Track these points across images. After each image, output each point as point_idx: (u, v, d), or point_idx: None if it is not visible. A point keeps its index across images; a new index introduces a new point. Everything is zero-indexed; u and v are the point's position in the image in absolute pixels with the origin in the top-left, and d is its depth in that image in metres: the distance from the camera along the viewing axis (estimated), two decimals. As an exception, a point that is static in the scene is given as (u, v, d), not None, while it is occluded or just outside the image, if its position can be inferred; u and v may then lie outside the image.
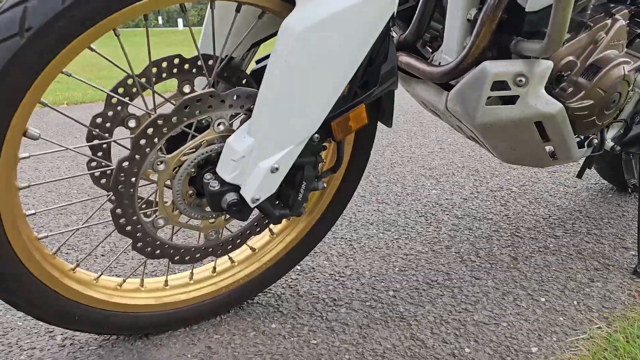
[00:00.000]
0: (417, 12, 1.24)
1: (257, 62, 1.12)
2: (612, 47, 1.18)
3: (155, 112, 0.97)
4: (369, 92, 1.00)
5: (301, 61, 0.84)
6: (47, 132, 3.17)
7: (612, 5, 1.19)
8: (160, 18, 56.52)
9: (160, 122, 0.86)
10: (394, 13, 0.92)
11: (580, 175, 1.53)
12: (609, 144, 1.44)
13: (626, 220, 1.79)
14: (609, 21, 1.16)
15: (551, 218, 1.81)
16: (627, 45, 1.23)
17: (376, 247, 1.58)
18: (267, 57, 1.05)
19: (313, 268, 1.45)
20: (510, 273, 1.43)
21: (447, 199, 1.99)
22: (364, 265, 1.46)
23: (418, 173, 2.31)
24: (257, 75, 1.08)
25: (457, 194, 2.05)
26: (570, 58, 1.14)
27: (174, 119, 0.87)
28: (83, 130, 3.29)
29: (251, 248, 1.22)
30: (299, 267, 1.44)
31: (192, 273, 1.16)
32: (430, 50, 1.36)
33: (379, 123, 1.18)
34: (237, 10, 0.91)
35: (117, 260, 1.30)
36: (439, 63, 1.24)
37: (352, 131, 1.00)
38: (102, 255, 1.52)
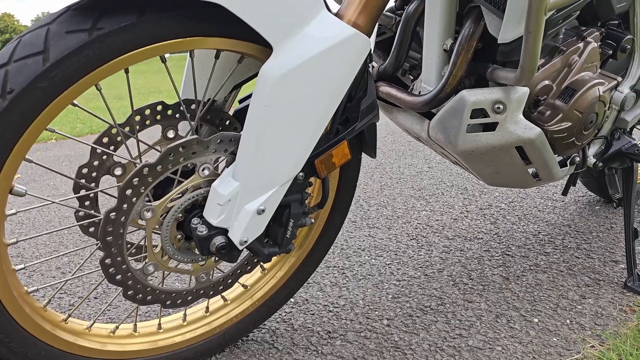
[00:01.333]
0: (394, 43, 1.26)
1: (240, 101, 1.14)
2: (586, 69, 1.20)
3: (141, 159, 0.99)
4: (350, 129, 1.01)
5: (280, 106, 0.86)
6: (35, 171, 3.16)
7: (584, 28, 1.22)
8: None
9: (145, 171, 0.87)
10: (370, 50, 0.94)
11: (565, 192, 1.55)
12: (591, 160, 1.46)
13: (614, 233, 1.81)
14: (581, 44, 1.19)
15: (541, 234, 1.82)
16: (600, 66, 1.26)
17: (369, 275, 1.58)
18: (250, 96, 1.07)
19: (307, 300, 1.45)
20: (503, 294, 1.44)
21: (437, 219, 2.01)
22: (357, 294, 1.47)
23: (408, 194, 2.33)
24: (240, 115, 1.09)
25: (447, 214, 2.06)
26: (546, 82, 1.17)
27: (159, 167, 0.88)
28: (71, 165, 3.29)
29: (243, 285, 1.22)
30: (292, 300, 1.44)
31: (185, 315, 1.16)
32: (411, 78, 1.38)
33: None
34: (217, 56, 0.93)
35: (110, 303, 1.30)
36: (419, 92, 1.27)
37: (336, 167, 1.01)
38: (95, 298, 1.52)
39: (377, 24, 1.31)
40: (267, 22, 0.82)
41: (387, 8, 1.06)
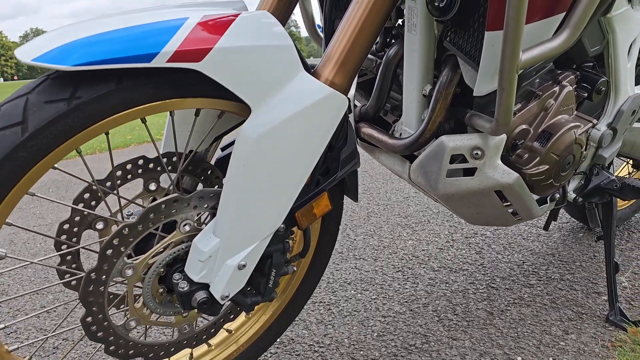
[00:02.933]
0: (375, 85, 1.29)
1: (222, 149, 1.15)
2: (562, 112, 1.23)
3: (122, 215, 0.99)
4: (331, 179, 1.03)
5: (260, 165, 0.87)
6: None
7: (559, 72, 1.24)
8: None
9: (126, 231, 0.88)
10: (348, 106, 0.96)
11: (546, 227, 1.57)
12: (571, 195, 1.48)
13: (597, 262, 1.83)
14: (556, 88, 1.21)
15: (525, 264, 1.84)
16: (576, 107, 1.29)
17: (354, 310, 1.59)
18: (232, 143, 1.08)
19: (292, 339, 1.45)
20: (487, 330, 1.45)
21: (423, 249, 2.02)
22: (342, 333, 1.47)
23: (394, 222, 2.34)
24: (223, 163, 1.10)
25: (433, 243, 2.08)
26: (523, 127, 1.19)
27: (140, 226, 0.89)
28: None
29: (227, 330, 1.22)
30: (278, 340, 1.44)
31: (169, 362, 1.16)
32: (393, 118, 1.40)
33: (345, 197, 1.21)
34: (196, 114, 0.94)
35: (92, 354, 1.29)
36: (400, 134, 1.29)
37: (317, 218, 1.02)
38: (81, 340, 1.51)
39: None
40: (245, 85, 0.83)
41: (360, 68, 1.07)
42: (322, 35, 1.35)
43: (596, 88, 1.29)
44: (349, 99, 0.98)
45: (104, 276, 0.89)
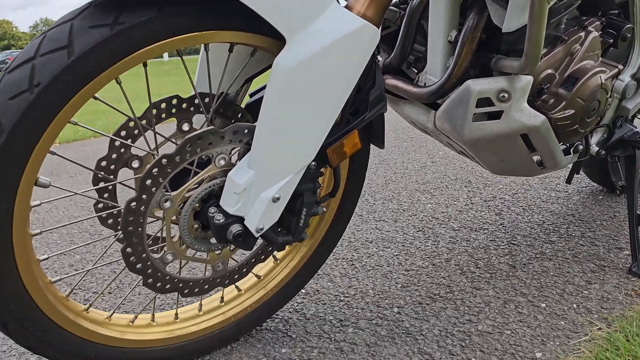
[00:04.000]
0: (399, 36, 1.29)
1: (251, 95, 1.17)
2: (587, 58, 1.23)
3: (158, 151, 1.02)
4: (360, 118, 1.04)
5: (294, 96, 0.88)
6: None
7: (584, 18, 1.25)
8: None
9: (164, 162, 0.90)
10: (378, 46, 0.97)
11: (569, 180, 1.58)
12: (594, 148, 1.49)
13: (618, 221, 1.83)
14: (582, 34, 1.22)
15: (545, 224, 1.85)
16: (601, 54, 1.29)
17: (377, 265, 1.61)
18: (262, 89, 1.10)
19: (317, 290, 1.48)
20: (510, 281, 1.47)
21: (442, 212, 2.04)
22: (367, 284, 1.49)
23: (412, 188, 2.36)
24: (252, 108, 1.12)
25: (452, 206, 2.09)
26: (549, 71, 1.20)
27: (177, 158, 0.91)
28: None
29: (256, 275, 1.25)
30: (303, 291, 1.47)
31: (200, 304, 1.19)
32: (416, 71, 1.41)
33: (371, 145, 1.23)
34: (230, 50, 0.96)
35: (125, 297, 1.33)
36: (425, 84, 1.29)
37: (347, 156, 1.04)
38: (110, 293, 1.54)
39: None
40: (280, 15, 0.85)
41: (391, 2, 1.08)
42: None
43: (622, 35, 1.29)
44: (379, 47, 0.99)
45: (143, 207, 0.92)
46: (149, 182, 0.90)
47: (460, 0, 1.17)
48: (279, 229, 1.07)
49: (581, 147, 1.41)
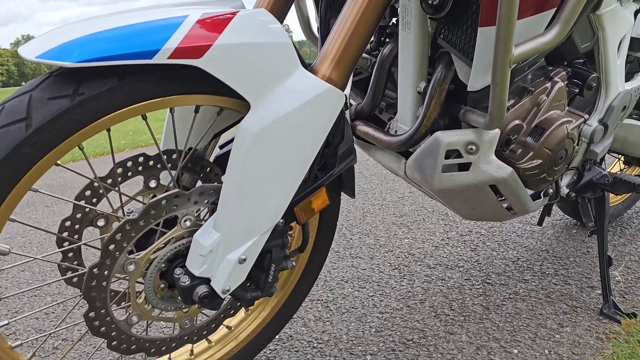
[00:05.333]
0: (370, 84, 1.31)
1: (221, 147, 1.17)
2: (554, 108, 1.25)
3: (123, 211, 1.00)
4: (328, 175, 1.04)
5: (259, 160, 0.88)
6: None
7: (551, 68, 1.27)
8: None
9: (128, 226, 0.89)
10: (345, 102, 0.98)
11: (540, 222, 1.59)
12: (564, 190, 1.51)
13: (591, 257, 1.85)
14: (548, 84, 1.24)
15: (520, 261, 1.86)
16: (568, 103, 1.31)
17: (352, 307, 1.60)
18: (230, 141, 1.09)
19: (291, 336, 1.46)
20: (483, 324, 1.47)
21: (419, 247, 2.04)
22: (340, 329, 1.49)
23: (390, 222, 2.36)
24: (221, 161, 1.12)
25: (429, 241, 2.10)
26: (517, 122, 1.21)
27: (142, 222, 0.90)
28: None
29: (227, 327, 1.23)
30: (277, 337, 1.46)
31: (169, 359, 1.17)
32: (388, 117, 1.42)
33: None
34: (196, 111, 0.95)
35: (94, 348, 1.30)
36: (396, 131, 1.31)
37: (315, 213, 1.04)
38: (80, 340, 1.51)
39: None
40: (245, 81, 0.85)
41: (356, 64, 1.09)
42: (317, 35, 1.37)
43: (587, 84, 1.31)
44: (345, 95, 1.00)
45: (106, 271, 0.90)
46: (112, 247, 0.89)
47: (428, 53, 1.18)
48: (248, 284, 1.06)
49: (551, 190, 1.42)
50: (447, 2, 1.04)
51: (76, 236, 0.99)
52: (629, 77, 1.55)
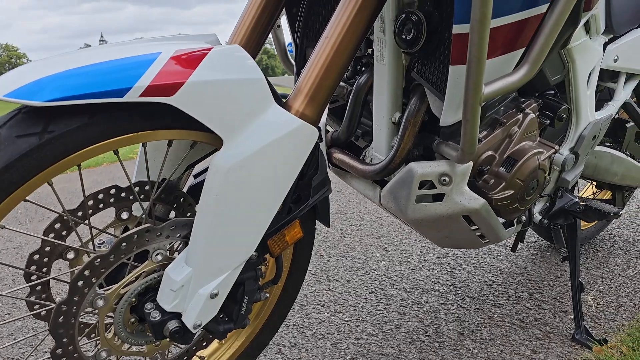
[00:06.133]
0: (346, 112, 1.31)
1: (195, 176, 1.16)
2: (526, 139, 1.27)
3: (94, 245, 0.99)
4: (302, 207, 1.04)
5: (232, 195, 0.88)
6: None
7: (522, 99, 1.29)
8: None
9: (97, 262, 0.88)
10: (319, 135, 0.98)
11: (514, 249, 1.61)
12: (537, 217, 1.53)
13: (564, 281, 1.88)
14: (520, 116, 1.26)
15: (495, 284, 1.88)
16: (539, 134, 1.33)
17: (328, 333, 1.60)
18: (205, 170, 1.09)
19: (266, 364, 1.45)
20: (458, 351, 1.47)
21: (396, 270, 2.05)
22: (316, 356, 1.48)
23: (367, 243, 2.37)
24: (196, 190, 1.11)
25: (406, 264, 2.11)
26: (489, 153, 1.23)
27: (111, 257, 0.89)
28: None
29: (200, 358, 1.22)
30: (251, 364, 1.44)
31: (140, 391, 1.15)
32: (364, 144, 1.43)
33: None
34: (169, 144, 0.95)
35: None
36: (371, 159, 1.32)
37: (289, 245, 1.04)
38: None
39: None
40: (217, 118, 0.85)
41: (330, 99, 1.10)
42: (294, 62, 1.38)
43: (558, 115, 1.34)
44: (319, 128, 1.00)
45: (74, 308, 0.89)
46: (80, 283, 0.88)
47: (402, 84, 1.20)
48: (221, 316, 1.05)
49: (524, 217, 1.44)
50: (420, 38, 1.06)
51: (45, 270, 0.97)
52: (599, 105, 1.59)
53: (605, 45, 1.47)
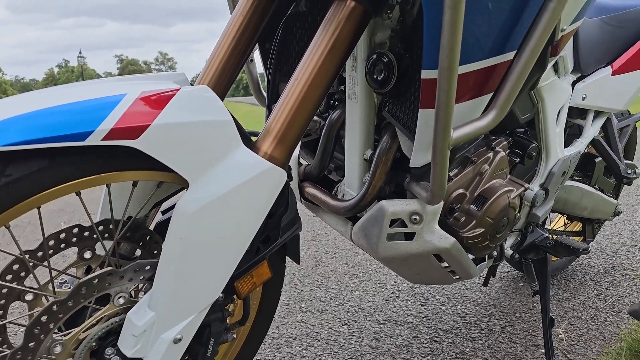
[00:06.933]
0: (319, 147, 1.31)
1: (163, 212, 1.14)
2: (496, 177, 1.28)
3: (53, 286, 0.96)
4: (270, 247, 1.03)
5: (197, 239, 0.86)
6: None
7: (493, 137, 1.30)
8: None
9: (55, 307, 0.85)
10: (289, 174, 0.97)
11: (485, 284, 1.61)
12: (509, 252, 1.53)
13: (536, 313, 1.88)
14: (490, 154, 1.27)
15: (467, 316, 1.88)
16: (510, 171, 1.35)
17: (299, 369, 1.57)
18: (174, 207, 1.07)
19: (234, 402, 1.42)
20: (429, 388, 1.46)
21: (369, 301, 2.03)
22: (286, 394, 1.45)
23: (342, 272, 2.35)
24: (163, 228, 1.09)
25: (379, 294, 2.09)
26: (460, 191, 1.23)
27: (70, 302, 0.86)
28: None
29: (165, 399, 1.18)
30: (219, 403, 1.41)
31: None
32: (337, 178, 1.42)
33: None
34: (134, 184, 0.93)
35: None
36: (343, 194, 1.31)
37: (257, 286, 1.02)
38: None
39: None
40: (183, 161, 0.83)
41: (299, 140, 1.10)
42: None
43: (527, 153, 1.35)
44: (289, 167, 1.00)
45: (29, 355, 0.85)
46: (37, 330, 0.85)
47: (374, 121, 1.20)
48: (186, 358, 1.03)
49: (495, 253, 1.45)
50: (391, 79, 1.06)
51: (1, 312, 0.94)
52: (569, 140, 1.61)
53: (573, 83, 1.51)
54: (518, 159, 1.35)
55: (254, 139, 0.99)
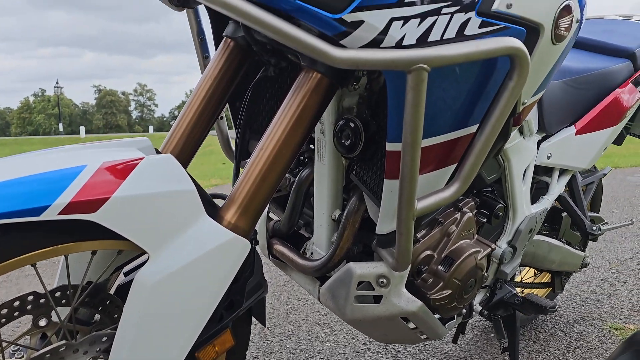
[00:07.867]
0: (288, 204, 1.31)
1: (125, 274, 1.12)
2: (463, 237, 1.29)
3: (3, 356, 0.92)
4: (234, 314, 1.01)
5: (156, 312, 0.84)
6: None
7: (460, 198, 1.32)
8: (61, 125, 55.02)
9: (3, 385, 0.81)
10: (252, 246, 0.96)
11: (454, 340, 1.61)
12: (477, 308, 1.53)
13: (506, 367, 1.87)
14: (458, 215, 1.28)
15: (438, 371, 1.86)
16: (477, 231, 1.36)
17: None
18: (137, 267, 1.05)
19: None
20: None
21: (340, 353, 2.00)
22: None
23: (313, 321, 2.32)
24: (125, 290, 1.06)
25: (350, 345, 2.06)
26: (428, 252, 1.24)
27: (20, 379, 0.83)
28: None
29: None
30: None
31: None
32: (307, 235, 1.41)
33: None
34: (93, 253, 0.91)
35: None
36: (312, 253, 1.30)
37: (219, 355, 0.99)
38: None
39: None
40: (143, 233, 0.82)
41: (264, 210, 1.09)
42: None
43: (494, 213, 1.37)
44: (255, 232, 0.99)
45: None
46: (-18, 409, 0.81)
47: (342, 182, 1.20)
48: None
49: (464, 310, 1.45)
50: (358, 145, 1.07)
51: (-53, 386, 0.89)
52: (536, 196, 1.64)
53: (539, 142, 1.54)
54: (485, 220, 1.36)
55: (219, 202, 0.99)
